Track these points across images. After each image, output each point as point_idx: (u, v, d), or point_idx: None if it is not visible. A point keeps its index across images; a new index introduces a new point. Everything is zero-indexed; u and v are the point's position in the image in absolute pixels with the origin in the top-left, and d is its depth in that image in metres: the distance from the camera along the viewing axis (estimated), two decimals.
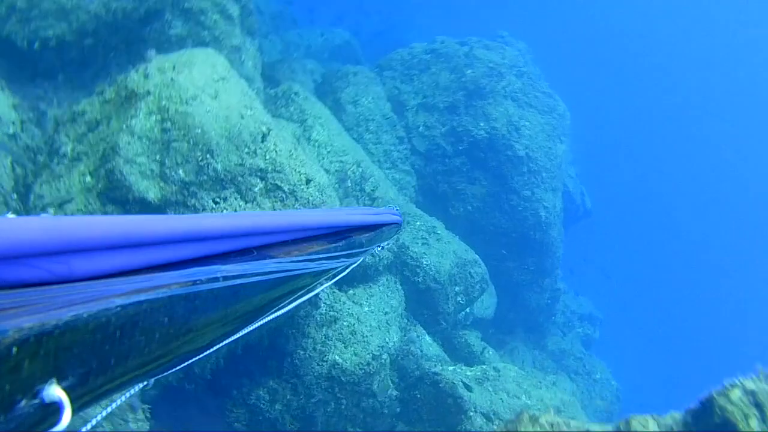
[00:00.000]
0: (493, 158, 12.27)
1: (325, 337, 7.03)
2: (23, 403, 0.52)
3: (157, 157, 4.89)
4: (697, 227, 48.73)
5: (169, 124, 4.89)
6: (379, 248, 2.02)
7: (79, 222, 0.69)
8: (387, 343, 7.77)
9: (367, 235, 1.75)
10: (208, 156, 5.02)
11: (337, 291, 7.62)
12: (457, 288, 9.89)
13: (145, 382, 0.86)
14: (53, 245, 0.64)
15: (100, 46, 6.43)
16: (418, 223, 10.23)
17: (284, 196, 5.47)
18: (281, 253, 1.14)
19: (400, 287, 9.02)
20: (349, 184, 8.81)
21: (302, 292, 1.41)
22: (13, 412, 0.51)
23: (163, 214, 4.60)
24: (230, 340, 1.10)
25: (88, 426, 0.71)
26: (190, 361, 0.97)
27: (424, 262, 9.33)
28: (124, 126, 4.84)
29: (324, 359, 6.88)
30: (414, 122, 12.65)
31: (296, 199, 5.55)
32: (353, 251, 1.53)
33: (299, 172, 5.73)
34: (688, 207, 50.47)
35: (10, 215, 0.63)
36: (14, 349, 0.50)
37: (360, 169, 9.14)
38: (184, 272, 0.79)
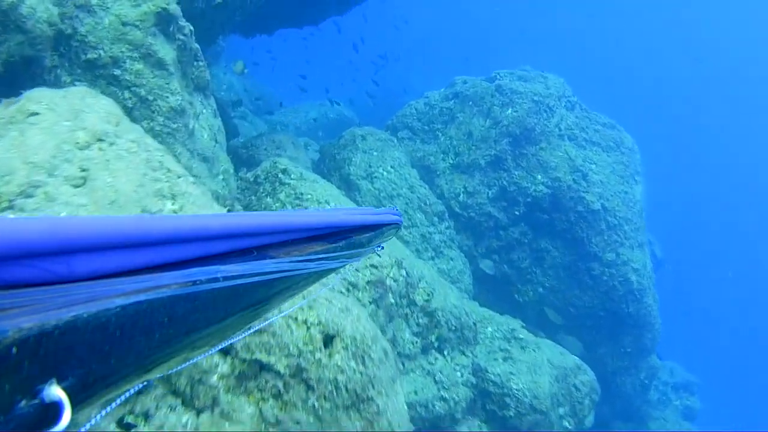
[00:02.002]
0: (561, 219, 9.60)
1: None
2: (23, 403, 0.52)
3: None
4: None
5: None
6: (380, 248, 2.02)
7: (79, 222, 0.69)
8: None
9: (367, 234, 1.76)
10: None
11: None
12: (561, 410, 7.16)
13: (145, 382, 0.87)
14: (53, 245, 0.64)
15: None
16: (489, 329, 7.38)
17: (280, 387, 2.66)
18: (281, 253, 1.14)
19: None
20: (392, 300, 5.84)
21: (304, 291, 1.41)
22: (13, 412, 0.51)
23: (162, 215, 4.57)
24: (231, 341, 1.10)
25: (88, 426, 0.71)
26: (190, 362, 0.97)
27: (514, 387, 6.64)
28: None
29: None
30: (451, 190, 9.99)
31: (309, 388, 2.77)
32: (353, 251, 1.53)
33: (295, 322, 2.92)
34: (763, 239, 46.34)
35: (10, 215, 0.63)
36: (14, 349, 0.50)
37: (403, 272, 6.07)
38: (184, 272, 0.79)
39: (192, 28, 5.50)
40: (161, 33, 5.07)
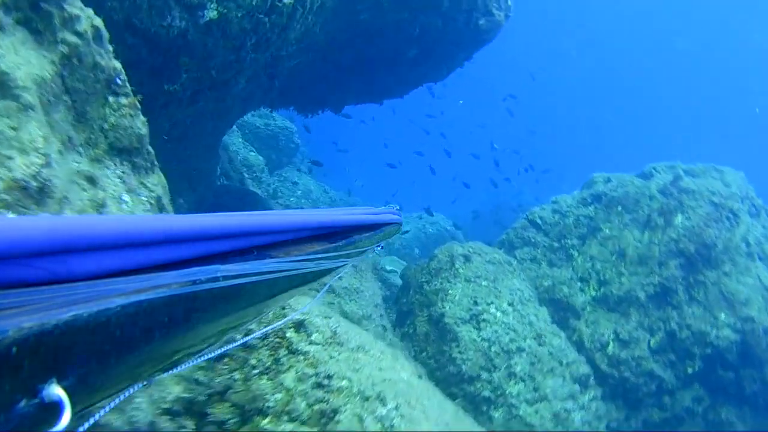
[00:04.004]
0: (753, 377, 6.76)
1: None
2: (23, 403, 0.52)
3: None
4: None
5: None
6: (380, 248, 2.02)
7: (79, 222, 0.69)
8: None
9: (367, 234, 1.76)
10: None
11: None
12: None
13: (145, 382, 0.87)
14: (53, 245, 0.64)
15: None
16: None
17: None
18: (281, 253, 1.14)
19: None
20: None
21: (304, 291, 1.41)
22: (13, 411, 0.51)
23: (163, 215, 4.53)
24: (234, 345, 1.10)
25: (86, 426, 0.71)
26: (190, 363, 0.97)
27: None
28: None
29: None
30: (595, 337, 6.99)
31: None
32: (353, 251, 1.53)
33: None
34: None
35: (10, 215, 0.63)
36: (14, 349, 0.50)
37: None
38: (184, 272, 0.79)
39: (100, 25, 3.05)
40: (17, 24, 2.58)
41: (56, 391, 0.55)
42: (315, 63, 7.21)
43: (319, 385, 3.41)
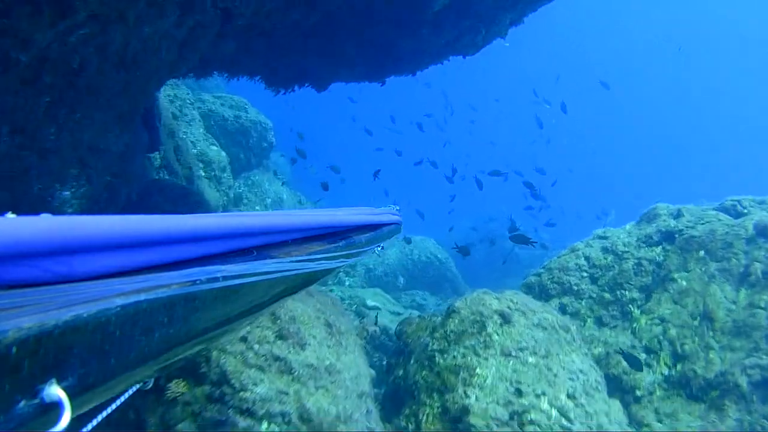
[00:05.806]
0: None
1: None
2: (23, 403, 0.52)
3: None
4: None
5: None
6: (379, 248, 2.02)
7: (79, 222, 0.69)
8: None
9: (367, 234, 1.75)
10: None
11: None
12: None
13: (146, 381, 0.87)
14: (53, 245, 0.64)
15: None
16: None
17: None
18: (281, 253, 1.14)
19: None
20: None
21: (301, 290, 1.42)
22: (12, 412, 0.51)
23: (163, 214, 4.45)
24: (230, 338, 1.10)
25: (89, 426, 0.71)
26: (189, 360, 0.97)
27: None
28: None
29: None
30: None
31: None
32: (353, 251, 1.53)
33: None
34: None
35: (10, 215, 0.63)
36: (14, 349, 0.50)
37: None
38: (184, 272, 0.79)
39: None
40: None
41: (56, 391, 0.55)
42: (296, 5, 4.71)
43: None
